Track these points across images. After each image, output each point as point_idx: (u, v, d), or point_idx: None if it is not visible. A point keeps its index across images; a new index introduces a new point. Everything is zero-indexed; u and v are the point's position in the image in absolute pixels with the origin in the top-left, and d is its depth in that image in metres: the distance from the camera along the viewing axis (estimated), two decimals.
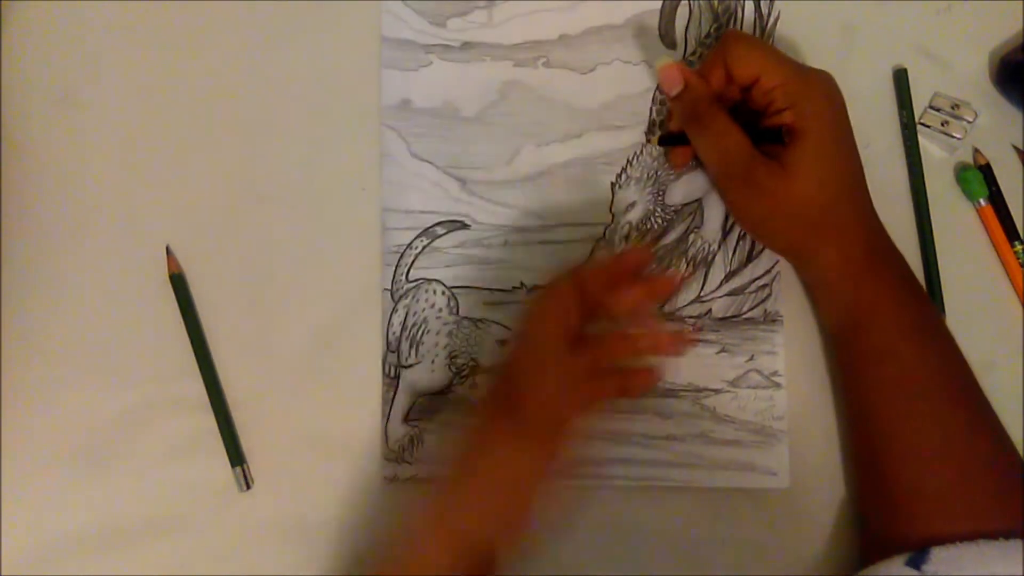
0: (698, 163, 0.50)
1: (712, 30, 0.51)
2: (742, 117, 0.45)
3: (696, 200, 0.50)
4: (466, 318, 0.50)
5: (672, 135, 0.49)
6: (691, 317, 0.50)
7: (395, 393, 0.49)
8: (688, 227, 0.50)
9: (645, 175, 0.50)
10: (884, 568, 0.41)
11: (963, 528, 0.41)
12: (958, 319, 0.49)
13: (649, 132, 0.50)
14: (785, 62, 0.45)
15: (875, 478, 0.45)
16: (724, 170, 0.46)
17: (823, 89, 0.45)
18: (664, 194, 0.50)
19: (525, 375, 0.43)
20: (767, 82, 0.44)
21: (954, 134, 0.50)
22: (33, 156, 0.50)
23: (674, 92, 0.46)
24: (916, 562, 0.40)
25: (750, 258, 0.50)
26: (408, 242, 0.50)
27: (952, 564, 0.39)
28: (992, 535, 0.40)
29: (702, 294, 0.50)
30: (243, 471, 0.48)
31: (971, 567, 0.39)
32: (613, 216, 0.50)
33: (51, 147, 0.50)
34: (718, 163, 0.46)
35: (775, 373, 0.49)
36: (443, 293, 0.50)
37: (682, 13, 0.51)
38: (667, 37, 0.51)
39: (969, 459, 0.42)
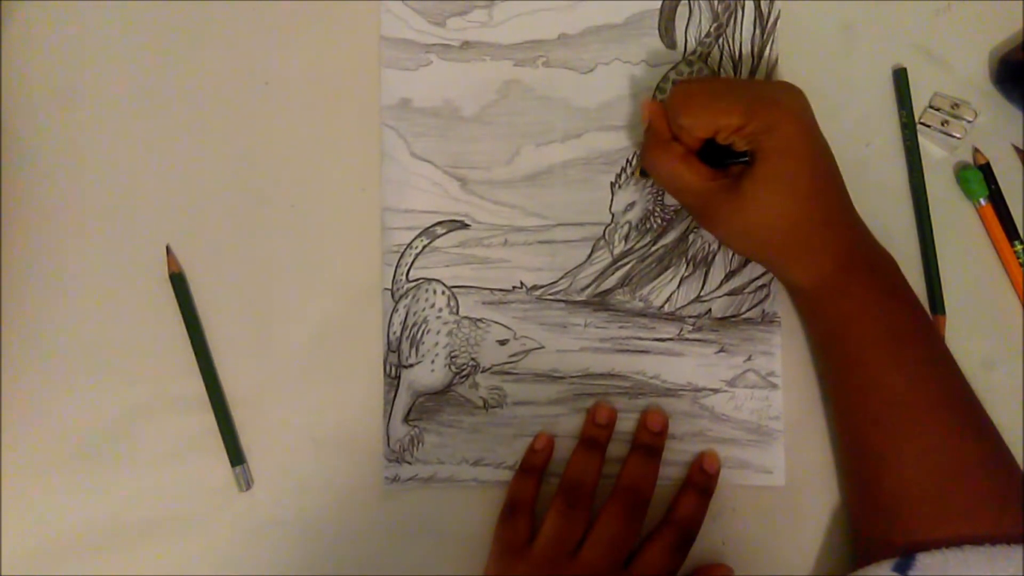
0: None
1: (712, 29, 0.51)
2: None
3: None
4: (466, 318, 0.50)
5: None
6: (691, 317, 0.50)
7: (396, 393, 0.49)
8: (688, 227, 0.50)
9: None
10: (871, 571, 0.41)
11: (949, 533, 0.40)
12: (958, 319, 0.49)
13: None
14: (735, 103, 0.42)
15: (860, 483, 0.45)
16: (681, 201, 0.47)
17: (782, 116, 0.42)
18: (664, 194, 0.50)
19: None
20: (724, 132, 0.43)
21: (954, 133, 0.50)
22: (33, 156, 0.50)
23: (644, 126, 0.47)
24: (902, 567, 0.40)
25: None
26: (408, 242, 0.50)
27: (938, 569, 0.39)
28: (979, 540, 0.39)
29: (702, 294, 0.50)
30: (243, 471, 0.48)
31: (957, 573, 0.39)
32: (613, 216, 0.50)
33: (51, 147, 0.50)
34: (674, 195, 0.47)
35: (771, 373, 0.49)
36: (443, 293, 0.50)
37: (682, 13, 0.51)
38: (667, 37, 0.51)
39: (953, 465, 0.42)
